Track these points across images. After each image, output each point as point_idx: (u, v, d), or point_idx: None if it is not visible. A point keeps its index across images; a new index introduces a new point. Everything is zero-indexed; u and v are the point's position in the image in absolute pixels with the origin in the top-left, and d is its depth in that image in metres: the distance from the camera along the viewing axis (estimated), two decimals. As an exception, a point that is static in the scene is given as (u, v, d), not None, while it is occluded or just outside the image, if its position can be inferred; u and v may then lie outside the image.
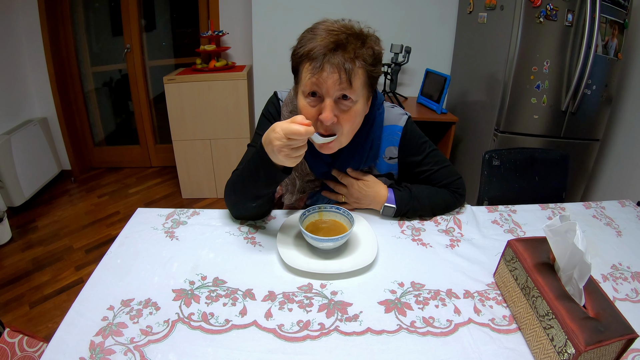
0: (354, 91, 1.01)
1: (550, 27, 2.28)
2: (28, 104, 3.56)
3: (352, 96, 1.02)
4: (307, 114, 1.04)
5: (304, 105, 1.05)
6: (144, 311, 0.88)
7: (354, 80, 1.00)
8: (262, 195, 1.13)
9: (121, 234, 1.15)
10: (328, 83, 0.99)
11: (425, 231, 1.20)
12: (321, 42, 0.98)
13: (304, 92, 1.05)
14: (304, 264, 1.01)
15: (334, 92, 1.01)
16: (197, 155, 3.42)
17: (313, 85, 1.01)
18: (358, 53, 1.00)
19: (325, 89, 1.00)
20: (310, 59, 1.00)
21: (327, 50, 0.98)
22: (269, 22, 3.10)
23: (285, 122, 0.91)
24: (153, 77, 3.91)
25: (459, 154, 3.18)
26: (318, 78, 0.99)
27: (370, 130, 1.20)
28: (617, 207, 1.41)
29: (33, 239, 2.96)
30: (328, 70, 0.98)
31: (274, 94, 1.31)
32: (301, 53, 1.01)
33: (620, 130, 2.81)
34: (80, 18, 3.66)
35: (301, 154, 0.95)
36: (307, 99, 1.05)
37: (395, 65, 3.04)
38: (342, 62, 0.97)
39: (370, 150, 1.23)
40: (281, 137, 0.91)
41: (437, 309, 0.91)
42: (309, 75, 1.00)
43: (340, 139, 1.09)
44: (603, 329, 0.71)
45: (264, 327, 0.85)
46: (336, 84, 0.99)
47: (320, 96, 1.03)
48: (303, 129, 0.89)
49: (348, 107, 1.04)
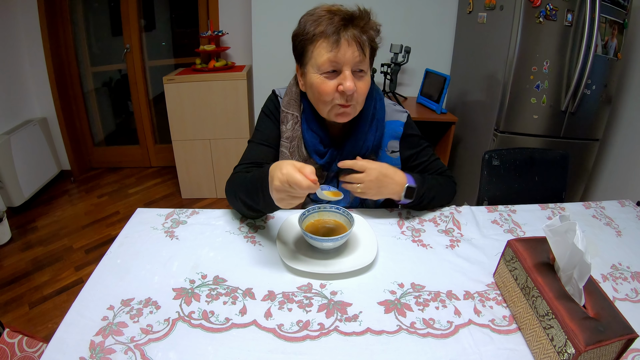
0: (366, 63, 1.09)
1: (549, 27, 2.28)
2: (28, 104, 3.56)
3: (364, 68, 1.09)
4: (325, 90, 1.09)
5: (321, 81, 1.09)
6: (144, 310, 0.88)
7: (366, 53, 1.08)
8: (260, 211, 1.15)
9: (121, 234, 1.15)
10: (347, 56, 1.05)
11: (425, 232, 1.20)
12: (330, 21, 1.04)
13: (320, 70, 1.08)
14: (304, 264, 1.01)
15: (353, 62, 1.06)
16: (196, 155, 3.42)
17: (332, 62, 1.06)
18: (366, 27, 1.07)
19: (344, 61, 1.05)
20: (324, 37, 1.05)
21: (340, 26, 1.04)
22: (268, 22, 3.10)
23: (292, 168, 0.88)
24: (153, 77, 3.91)
25: (458, 154, 3.18)
26: (336, 53, 1.04)
27: (373, 117, 1.24)
28: (616, 207, 1.41)
29: (33, 239, 2.96)
30: (345, 44, 1.04)
31: (272, 91, 1.33)
32: (312, 34, 1.06)
33: (620, 130, 2.81)
34: (80, 18, 3.66)
35: (296, 203, 0.95)
36: (323, 75, 1.09)
37: (395, 65, 3.04)
38: (357, 35, 1.05)
39: (373, 142, 1.25)
40: (283, 180, 0.88)
41: (438, 310, 0.91)
42: (326, 52, 1.05)
43: (355, 107, 1.14)
44: (603, 329, 0.71)
45: (264, 326, 0.85)
46: (354, 56, 1.05)
47: (337, 70, 1.08)
48: (305, 183, 0.85)
49: (361, 77, 1.10)
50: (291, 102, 1.25)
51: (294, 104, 1.25)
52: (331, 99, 1.10)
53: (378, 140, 1.26)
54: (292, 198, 0.93)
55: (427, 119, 2.87)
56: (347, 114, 1.14)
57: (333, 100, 1.10)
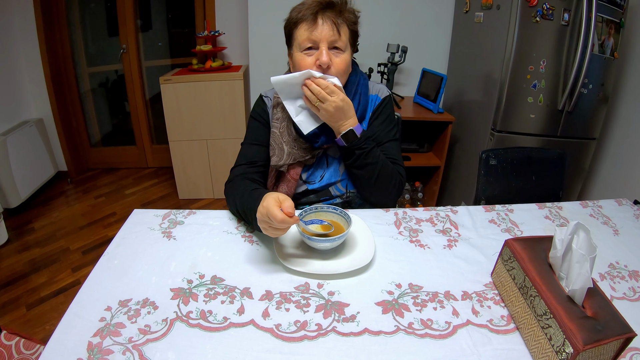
0: (342, 41, 1.22)
1: (546, 27, 2.28)
2: (24, 105, 3.54)
3: (340, 46, 1.22)
4: (304, 64, 1.21)
5: (302, 57, 1.23)
6: (142, 311, 0.88)
7: (342, 33, 1.21)
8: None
9: (118, 235, 1.15)
10: (322, 33, 1.19)
11: (423, 232, 1.20)
12: (309, 6, 1.20)
13: (300, 48, 1.22)
14: (301, 265, 1.01)
15: (328, 40, 1.19)
16: (193, 156, 3.42)
17: (309, 40, 1.20)
18: (342, 10, 1.23)
19: (320, 38, 1.19)
20: (304, 19, 1.20)
21: (318, 8, 1.19)
22: (265, 22, 3.09)
23: (272, 201, 0.93)
24: (149, 77, 3.90)
25: (455, 154, 3.18)
26: (313, 31, 1.19)
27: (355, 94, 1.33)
28: (614, 205, 1.42)
29: (29, 240, 2.95)
30: (320, 22, 1.19)
31: (259, 95, 1.46)
32: (296, 18, 1.22)
33: (617, 129, 2.82)
34: (76, 18, 3.65)
35: (279, 234, 0.99)
36: (303, 52, 1.23)
37: (392, 65, 3.04)
38: (332, 15, 1.19)
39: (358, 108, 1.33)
40: (264, 213, 0.95)
41: (436, 311, 0.91)
42: (305, 31, 1.20)
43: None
44: (601, 328, 0.71)
45: (262, 326, 0.85)
46: (329, 33, 1.19)
47: (315, 47, 1.21)
48: (280, 217, 0.91)
49: (338, 54, 1.23)
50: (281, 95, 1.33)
51: None
52: None
53: (361, 113, 1.35)
54: (274, 229, 0.97)
55: (424, 118, 2.87)
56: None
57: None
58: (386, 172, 1.29)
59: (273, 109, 1.36)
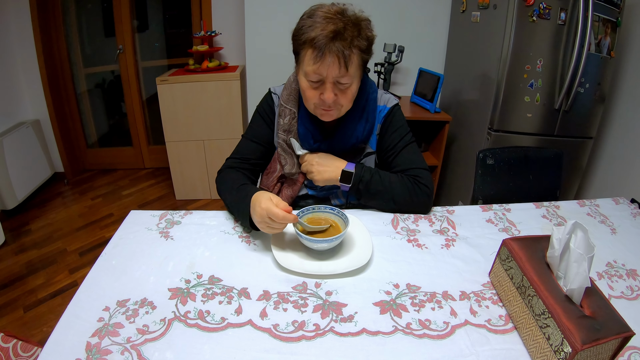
0: (349, 75, 1.12)
1: (543, 26, 2.28)
2: (20, 106, 3.53)
3: (347, 81, 1.14)
4: (310, 95, 1.18)
5: (307, 86, 1.17)
6: (140, 311, 0.88)
7: (350, 66, 1.10)
8: None
9: (115, 236, 1.15)
10: (329, 70, 1.10)
11: (420, 232, 1.20)
12: (322, 31, 1.07)
13: (307, 76, 1.15)
14: (299, 265, 1.01)
15: (334, 77, 1.12)
16: (190, 156, 3.41)
17: (315, 73, 1.12)
18: (354, 42, 1.10)
19: (327, 75, 1.11)
20: (312, 47, 1.09)
21: (328, 40, 1.06)
22: (261, 22, 3.09)
23: (270, 203, 1.01)
24: (146, 78, 3.89)
25: (452, 153, 3.18)
26: (319, 66, 1.09)
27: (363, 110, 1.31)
28: (611, 204, 1.42)
29: (26, 242, 2.94)
30: (329, 58, 1.08)
31: (269, 90, 1.41)
32: (303, 40, 1.10)
33: (614, 128, 2.82)
34: (73, 19, 3.64)
35: (275, 232, 1.06)
36: (309, 82, 1.16)
37: (389, 65, 3.04)
38: (341, 49, 1.07)
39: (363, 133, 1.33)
40: (263, 215, 1.01)
41: (434, 311, 0.91)
42: (312, 63, 1.10)
43: (339, 110, 1.22)
44: (599, 327, 0.71)
45: (260, 326, 0.85)
46: (335, 71, 1.10)
47: (321, 80, 1.14)
48: (281, 214, 0.99)
49: (345, 87, 1.16)
50: (290, 97, 1.33)
51: (292, 99, 1.33)
52: (314, 102, 1.19)
53: (368, 131, 1.34)
54: (271, 228, 1.04)
55: (421, 118, 2.87)
56: (331, 115, 1.22)
57: (316, 104, 1.20)
58: (400, 188, 1.27)
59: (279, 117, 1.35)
